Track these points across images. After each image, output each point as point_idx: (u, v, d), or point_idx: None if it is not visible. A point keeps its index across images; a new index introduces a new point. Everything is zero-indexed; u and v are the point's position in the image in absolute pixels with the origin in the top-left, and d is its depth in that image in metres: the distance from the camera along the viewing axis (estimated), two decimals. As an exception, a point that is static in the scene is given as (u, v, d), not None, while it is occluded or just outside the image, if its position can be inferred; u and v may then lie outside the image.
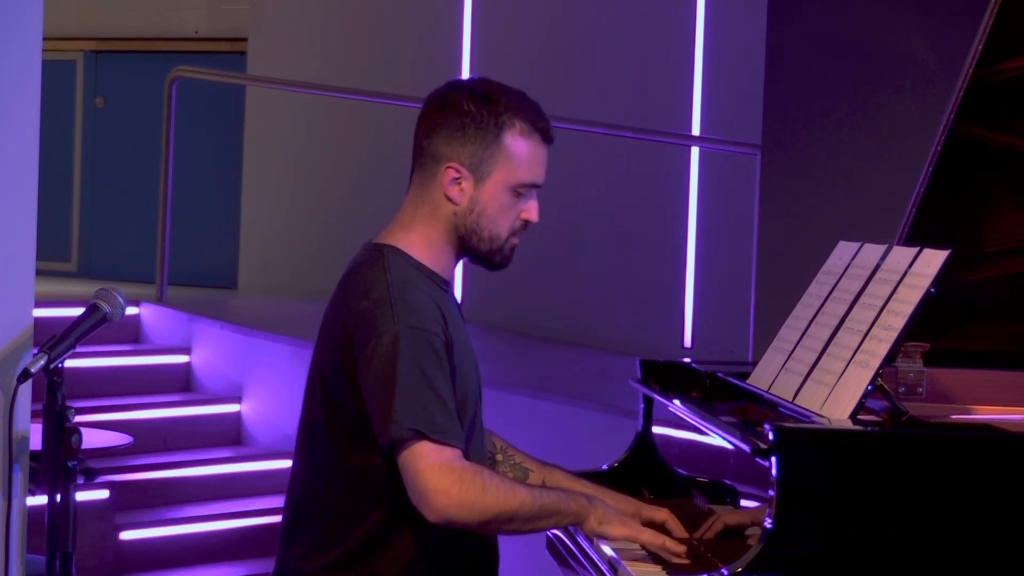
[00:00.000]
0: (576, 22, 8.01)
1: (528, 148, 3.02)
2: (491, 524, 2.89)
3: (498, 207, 3.01)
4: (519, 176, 3.01)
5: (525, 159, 3.01)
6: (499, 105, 3.01)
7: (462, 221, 3.01)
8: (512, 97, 3.04)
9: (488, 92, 3.03)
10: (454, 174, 3.00)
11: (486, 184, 3.00)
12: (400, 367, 2.85)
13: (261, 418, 6.86)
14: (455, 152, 3.00)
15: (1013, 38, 3.52)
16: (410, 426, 2.83)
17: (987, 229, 3.63)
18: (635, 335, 7.38)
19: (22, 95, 3.59)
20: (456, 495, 2.82)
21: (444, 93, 3.06)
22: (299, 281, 9.00)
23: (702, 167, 7.54)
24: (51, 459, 3.22)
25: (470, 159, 3.00)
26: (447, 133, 3.01)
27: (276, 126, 9.19)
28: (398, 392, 2.84)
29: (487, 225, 3.01)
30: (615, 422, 5.42)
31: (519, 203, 3.03)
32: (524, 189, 3.03)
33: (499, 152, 3.00)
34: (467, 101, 3.01)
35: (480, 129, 3.00)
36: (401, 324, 2.88)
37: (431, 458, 2.83)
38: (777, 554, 2.70)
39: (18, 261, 3.60)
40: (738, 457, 3.01)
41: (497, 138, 3.00)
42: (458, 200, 3.01)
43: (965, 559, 2.74)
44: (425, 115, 3.08)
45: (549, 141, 3.06)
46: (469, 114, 3.00)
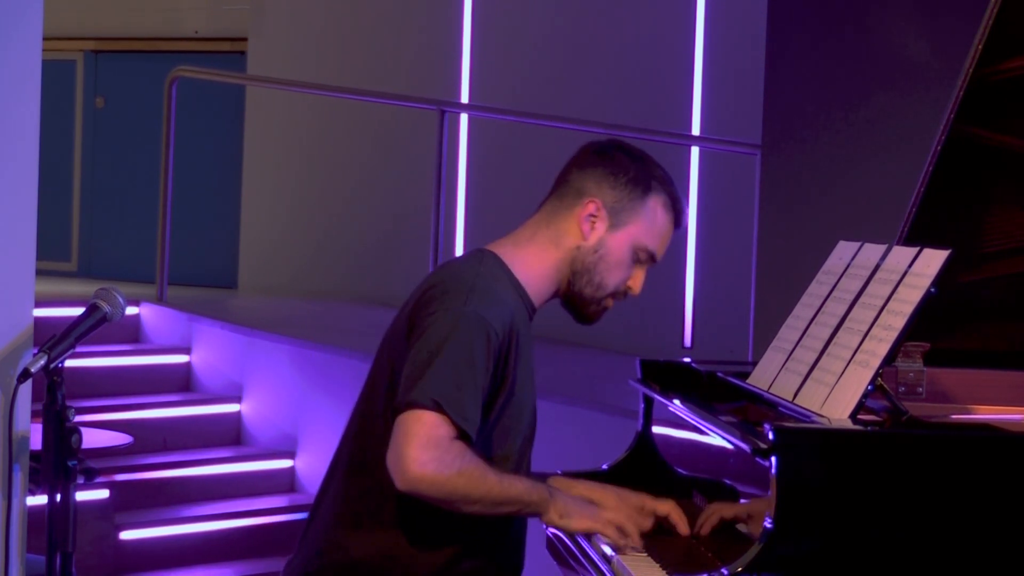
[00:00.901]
0: (576, 22, 8.01)
1: (664, 219, 3.17)
2: (454, 504, 2.94)
3: (618, 259, 3.13)
4: (647, 240, 3.14)
5: (658, 227, 3.16)
6: (654, 171, 3.18)
7: (582, 257, 3.12)
8: (664, 173, 3.22)
9: (647, 160, 3.21)
10: (593, 210, 3.12)
11: (618, 232, 3.12)
12: (450, 343, 2.90)
13: (261, 418, 6.86)
14: (602, 192, 3.13)
15: (1013, 38, 3.52)
16: (433, 396, 2.87)
17: (987, 229, 3.63)
18: (635, 335, 7.38)
19: (22, 95, 3.59)
20: (431, 470, 2.86)
21: (608, 144, 3.22)
22: (299, 281, 9.00)
23: (702, 167, 7.54)
24: (51, 459, 3.22)
25: (613, 203, 3.12)
26: (600, 174, 3.14)
27: (276, 126, 9.19)
28: (438, 363, 2.89)
29: (602, 271, 3.12)
30: (615, 422, 5.42)
31: (633, 267, 3.15)
32: (644, 255, 3.15)
33: (641, 209, 3.14)
34: (627, 158, 3.17)
35: (631, 182, 3.14)
36: (470, 308, 2.94)
37: (428, 426, 2.86)
38: (777, 554, 2.70)
39: (18, 261, 3.60)
40: (738, 457, 3.01)
41: (643, 196, 3.14)
42: (588, 235, 3.12)
43: (965, 559, 2.74)
44: (583, 154, 3.20)
45: (679, 226, 3.20)
46: (625, 168, 3.15)
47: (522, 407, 3.07)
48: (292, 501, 6.43)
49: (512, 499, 2.98)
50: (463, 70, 8.38)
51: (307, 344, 6.73)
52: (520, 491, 3.00)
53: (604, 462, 3.66)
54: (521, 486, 3.01)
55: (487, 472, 2.94)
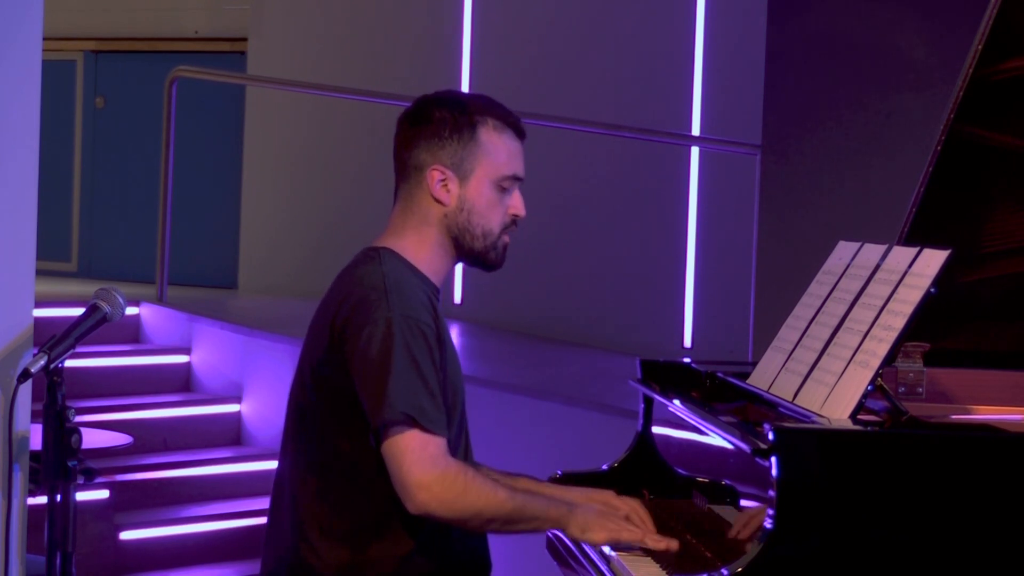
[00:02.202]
0: (576, 22, 8.01)
1: (504, 142, 3.15)
2: (469, 523, 2.96)
3: (486, 202, 3.12)
4: (500, 170, 3.13)
5: (503, 153, 3.14)
6: (469, 107, 3.15)
7: (453, 221, 3.12)
8: (479, 99, 3.19)
9: (455, 98, 3.18)
10: (439, 176, 3.11)
11: (470, 181, 3.12)
12: (394, 353, 2.93)
13: (261, 418, 6.86)
14: (436, 156, 3.12)
15: (1013, 38, 3.52)
16: (403, 410, 2.90)
17: (987, 229, 3.63)
18: (635, 335, 7.38)
19: (22, 95, 3.59)
20: (438, 492, 2.89)
21: (414, 109, 3.18)
22: (299, 281, 8.99)
23: (702, 167, 7.54)
24: (51, 459, 3.22)
25: (451, 159, 3.11)
26: (426, 142, 3.13)
27: (276, 126, 9.19)
28: (392, 378, 2.92)
29: (478, 221, 3.12)
30: (615, 422, 5.42)
31: (505, 198, 3.15)
32: (507, 183, 3.14)
33: (477, 148, 3.12)
34: (437, 110, 3.14)
35: (456, 131, 3.12)
36: (395, 312, 2.97)
37: (417, 451, 2.90)
38: (777, 554, 2.70)
39: (18, 261, 3.60)
40: (738, 457, 3.01)
41: (473, 135, 3.12)
42: (446, 201, 3.11)
43: (965, 559, 2.74)
44: (400, 133, 3.18)
45: (522, 136, 3.19)
46: (442, 120, 3.13)
47: (455, 389, 3.11)
48: (292, 501, 6.43)
49: (529, 516, 2.99)
50: (463, 70, 8.38)
51: (307, 344, 6.72)
52: (537, 507, 3.01)
53: (604, 462, 3.66)
54: (536, 502, 3.02)
55: (496, 487, 2.97)
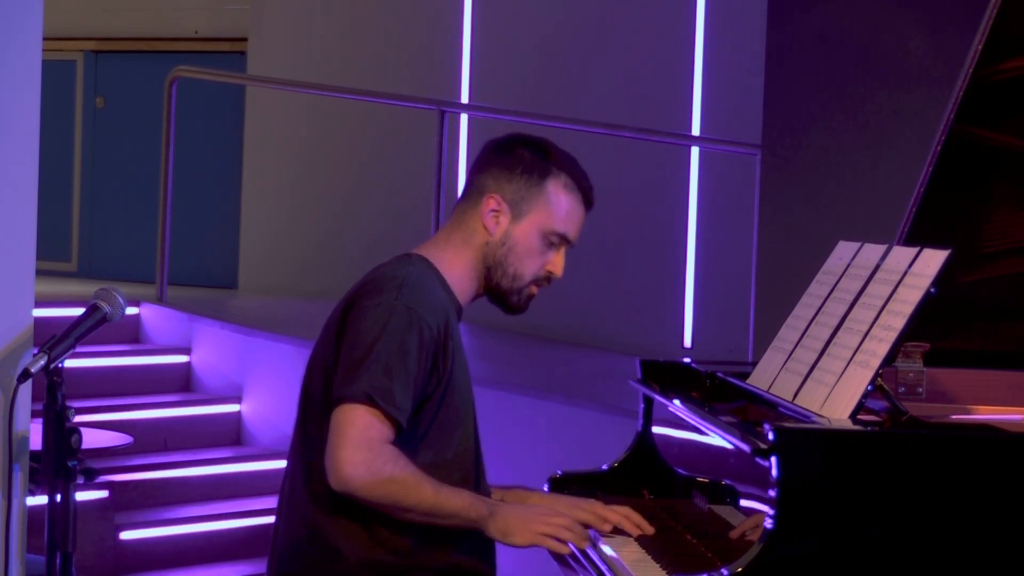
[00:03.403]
0: (576, 22, 8.01)
1: (567, 201, 3.20)
2: (387, 509, 3.00)
3: (527, 248, 3.18)
4: (553, 224, 3.18)
5: (563, 210, 3.19)
6: (551, 157, 3.21)
7: (492, 252, 3.18)
8: (564, 156, 3.24)
9: (544, 144, 3.23)
10: (494, 205, 3.17)
11: (521, 222, 3.17)
12: (383, 336, 2.98)
13: (261, 418, 6.86)
14: (500, 187, 3.18)
15: (1013, 38, 3.52)
16: (366, 390, 2.94)
17: (987, 229, 3.63)
18: (635, 335, 7.38)
19: (22, 95, 3.59)
20: (363, 471, 2.93)
21: (504, 139, 3.25)
22: (299, 281, 9.00)
23: (702, 167, 7.54)
24: (51, 459, 3.22)
25: (512, 195, 3.17)
26: (497, 171, 3.19)
27: (276, 126, 9.19)
28: (372, 358, 2.96)
29: (514, 262, 3.18)
30: (615, 422, 5.42)
31: (548, 252, 3.20)
32: (555, 239, 3.19)
33: (540, 196, 3.18)
34: (523, 149, 3.21)
35: (528, 171, 3.18)
36: (402, 302, 3.02)
37: (359, 428, 2.94)
38: (777, 554, 2.70)
39: (18, 261, 3.59)
40: (738, 457, 3.01)
41: (541, 183, 3.18)
42: (493, 230, 3.17)
43: (965, 559, 2.74)
44: (482, 155, 3.25)
45: (589, 205, 3.24)
46: (521, 159, 3.19)
47: (461, 405, 3.12)
48: (292, 501, 6.43)
49: (448, 512, 3.02)
50: (463, 70, 8.38)
51: (307, 344, 6.70)
52: (458, 506, 3.03)
53: (604, 462, 3.66)
54: (459, 501, 3.04)
55: (422, 481, 2.99)
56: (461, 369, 3.14)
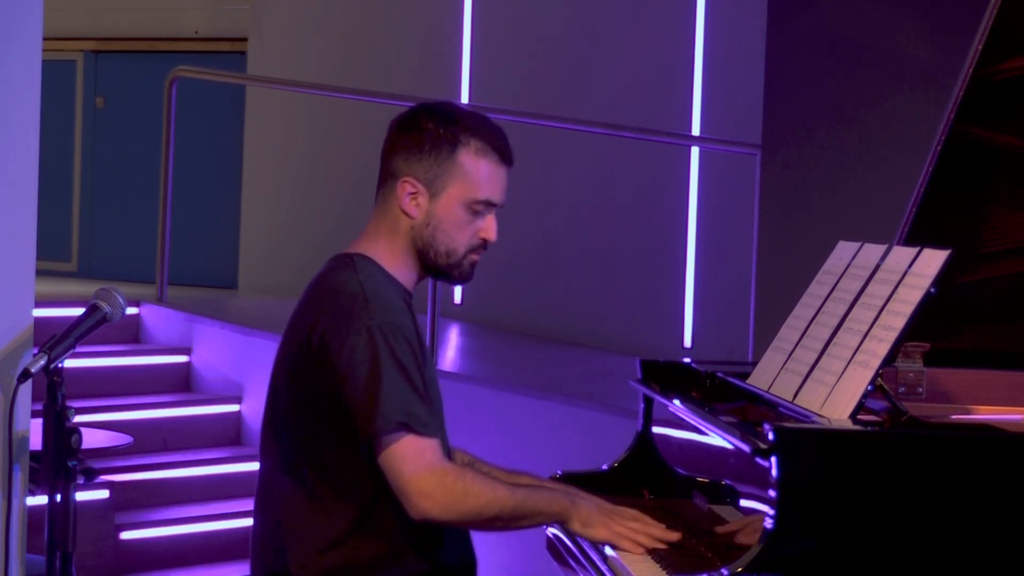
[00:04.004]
0: (576, 22, 8.01)
1: (484, 167, 3.12)
2: (473, 523, 3.00)
3: (453, 222, 3.11)
4: (473, 193, 3.11)
5: (480, 177, 3.11)
6: (457, 125, 3.12)
7: (419, 234, 3.12)
8: (472, 119, 3.15)
9: (448, 113, 3.14)
10: (410, 188, 3.11)
11: (440, 199, 3.10)
12: (381, 362, 2.95)
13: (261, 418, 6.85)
14: (411, 167, 3.11)
15: (1013, 38, 3.52)
16: (397, 419, 2.91)
17: (987, 229, 3.63)
18: (635, 335, 7.38)
19: (22, 95, 3.59)
20: (439, 498, 2.91)
21: (407, 114, 3.17)
22: (299, 281, 8.90)
23: (702, 167, 7.54)
24: (51, 459, 3.22)
25: (425, 174, 3.10)
26: (405, 152, 3.12)
27: (276, 126, 9.19)
28: (382, 387, 2.93)
29: (443, 239, 3.11)
30: (615, 422, 5.42)
31: (476, 221, 3.13)
32: (480, 207, 3.12)
33: (453, 168, 3.10)
34: (427, 120, 3.12)
35: (435, 147, 3.10)
36: (376, 320, 2.98)
37: (414, 458, 2.92)
38: (777, 554, 2.70)
39: (18, 261, 3.60)
40: (738, 457, 3.01)
41: (451, 155, 3.10)
42: (414, 214, 3.11)
43: (965, 559, 2.74)
44: (389, 136, 3.17)
45: (508, 163, 3.16)
46: (427, 131, 3.11)
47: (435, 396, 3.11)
48: (292, 501, 6.42)
49: (531, 511, 3.01)
50: (463, 70, 8.38)
51: (307, 344, 6.71)
52: (539, 503, 3.03)
53: (604, 462, 3.66)
54: (539, 497, 3.04)
55: (496, 486, 2.99)
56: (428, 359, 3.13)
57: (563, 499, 3.07)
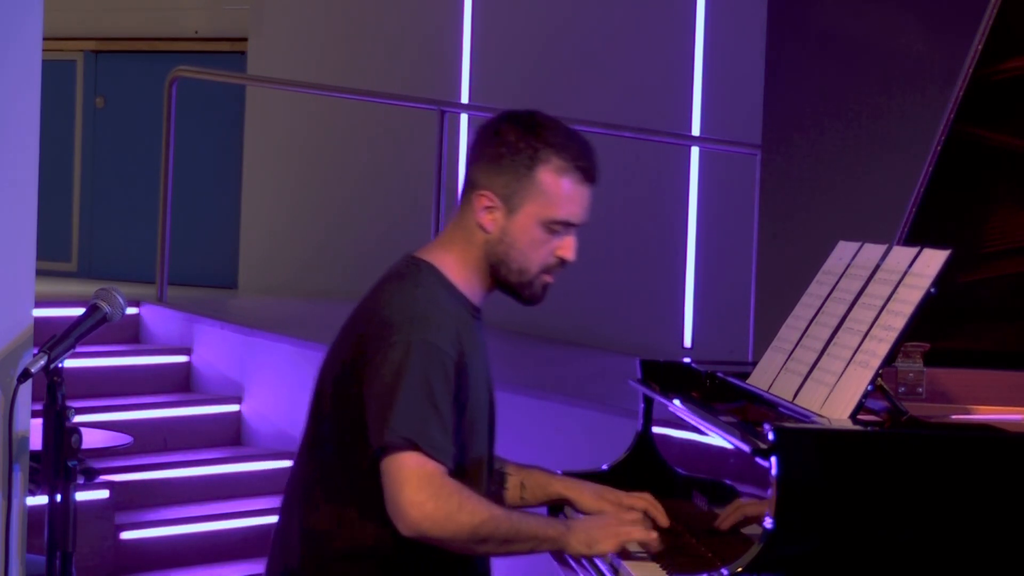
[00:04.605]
0: (576, 22, 8.01)
1: (564, 185, 3.01)
2: (464, 543, 2.89)
3: (528, 241, 3.01)
4: (550, 212, 3.00)
5: (560, 196, 3.01)
6: (539, 139, 3.01)
7: (492, 250, 3.02)
8: (555, 133, 3.04)
9: (532, 125, 3.04)
10: (487, 202, 3.02)
11: (517, 216, 3.01)
12: (407, 377, 2.86)
13: (261, 418, 6.86)
14: (490, 181, 3.02)
15: (1013, 38, 3.52)
16: (405, 435, 2.84)
17: (987, 229, 3.63)
18: (635, 335, 7.38)
19: (22, 95, 3.59)
20: (431, 509, 2.82)
21: (493, 122, 3.07)
22: (299, 281, 8.99)
23: (702, 167, 7.54)
24: (51, 459, 3.22)
25: (503, 189, 3.01)
26: (486, 161, 3.03)
27: (276, 126, 9.19)
28: (400, 399, 2.85)
29: (517, 257, 3.02)
30: (615, 422, 5.42)
31: (553, 239, 3.03)
32: (557, 226, 3.02)
33: (531, 185, 3.00)
34: (510, 131, 3.02)
35: (514, 161, 3.00)
36: (416, 337, 2.89)
37: (414, 470, 2.83)
38: (777, 554, 2.70)
39: (18, 261, 3.59)
40: (738, 457, 3.01)
41: (530, 171, 3.00)
42: (489, 228, 3.02)
43: (965, 559, 2.74)
44: (474, 143, 3.09)
45: (591, 181, 3.04)
46: (507, 144, 3.01)
47: (473, 423, 3.02)
48: (292, 501, 6.42)
49: (526, 536, 2.93)
50: (463, 70, 8.38)
51: (307, 344, 6.72)
52: (534, 528, 2.95)
53: (604, 462, 3.66)
54: (534, 522, 2.96)
55: (492, 508, 2.91)
56: (478, 378, 3.03)
57: (559, 524, 3.01)
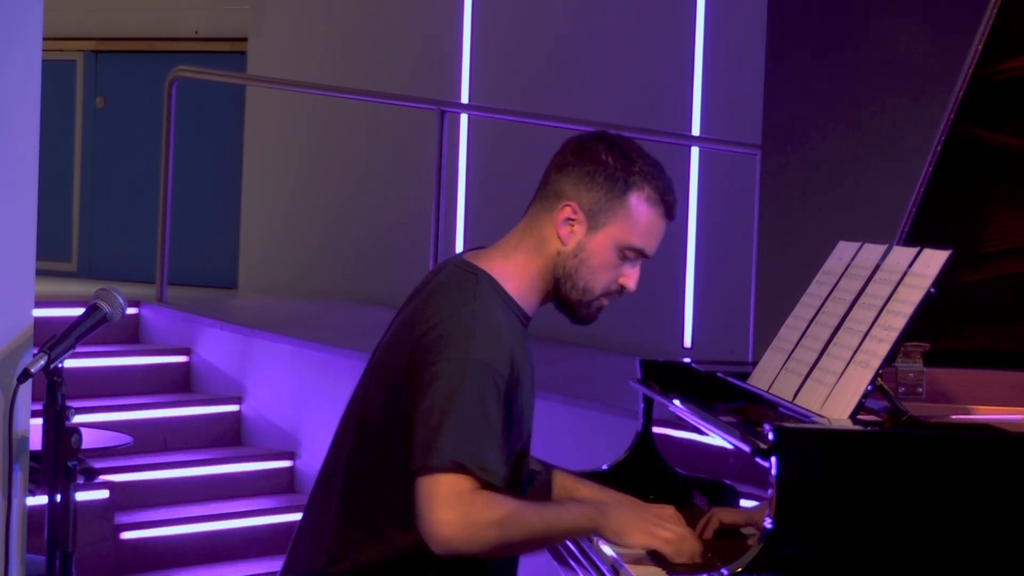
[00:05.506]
0: (576, 22, 8.01)
1: (648, 215, 3.02)
2: (501, 551, 2.86)
3: (601, 262, 3.00)
4: (631, 238, 3.01)
5: (642, 224, 3.02)
6: (635, 165, 3.03)
7: (563, 263, 3.01)
8: (650, 163, 3.07)
9: (628, 151, 3.05)
10: (570, 214, 3.00)
11: (597, 234, 3.00)
12: (462, 397, 2.82)
13: (261, 418, 6.86)
14: (578, 194, 3.00)
15: (1013, 38, 3.52)
16: (454, 458, 2.79)
17: (987, 229, 3.63)
18: (635, 335, 7.38)
19: (22, 95, 3.59)
20: (458, 528, 2.78)
21: (586, 138, 3.07)
22: (299, 281, 9.00)
23: (702, 167, 7.54)
24: (51, 459, 3.22)
25: (590, 205, 3.00)
26: (577, 174, 3.01)
27: (276, 126, 9.19)
28: (453, 421, 2.80)
29: (585, 274, 3.01)
30: (615, 422, 5.42)
31: (622, 266, 3.02)
32: (631, 253, 3.02)
33: (620, 208, 3.00)
34: (606, 152, 3.03)
35: (609, 180, 3.01)
36: (472, 356, 2.85)
37: (446, 486, 2.79)
38: (777, 554, 2.70)
39: (18, 261, 3.59)
40: (738, 457, 3.01)
41: (622, 194, 3.01)
42: (566, 240, 3.00)
43: (965, 559, 2.74)
44: (562, 153, 3.07)
45: (671, 217, 3.07)
46: (603, 164, 3.01)
47: (520, 432, 3.00)
48: (292, 501, 6.43)
49: (561, 531, 2.92)
50: (463, 70, 8.38)
51: (307, 344, 6.73)
52: (569, 521, 2.92)
53: (604, 462, 3.65)
54: (569, 516, 2.93)
55: (525, 512, 2.86)
56: (525, 389, 3.00)
57: (592, 513, 2.95)
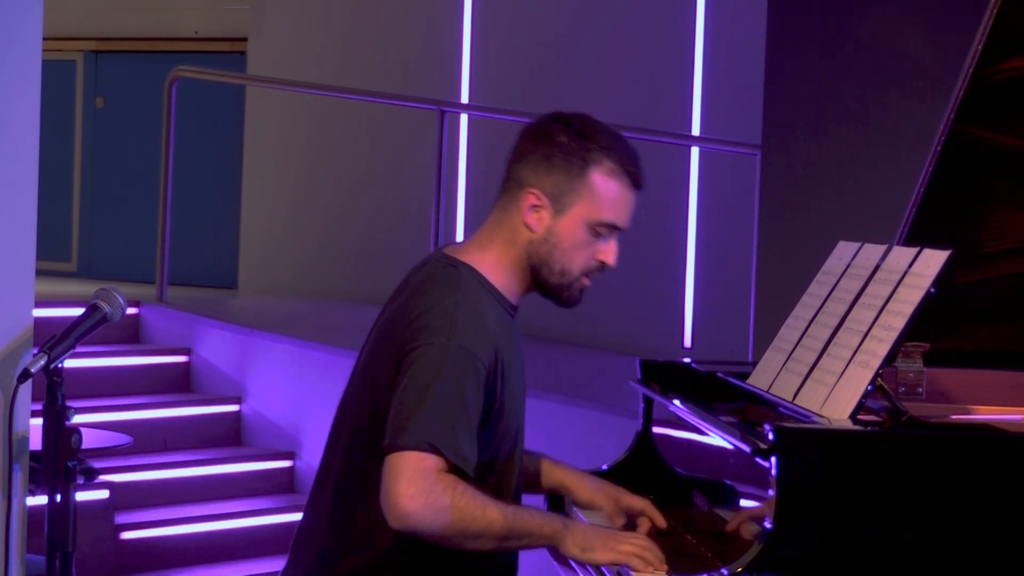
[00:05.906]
0: (576, 22, 8.01)
1: (613, 188, 3.00)
2: (455, 539, 2.83)
3: (573, 242, 2.99)
4: (599, 214, 2.99)
5: (608, 198, 2.99)
6: (591, 141, 3.01)
7: (536, 250, 3.00)
8: (608, 136, 3.04)
9: (584, 128, 3.02)
10: (534, 201, 2.99)
11: (564, 216, 2.99)
12: (440, 381, 2.82)
13: (261, 418, 6.86)
14: (539, 180, 2.99)
15: (1013, 38, 3.52)
16: (425, 438, 2.78)
17: (987, 229, 3.63)
18: (635, 335, 7.38)
19: (22, 95, 3.59)
20: (421, 502, 2.76)
21: (541, 122, 3.05)
22: (299, 281, 9.00)
23: (702, 167, 7.54)
24: (51, 459, 3.22)
25: (552, 189, 2.98)
26: (535, 160, 3.00)
27: (276, 126, 9.19)
28: (428, 404, 2.80)
29: (560, 258, 3.00)
30: (615, 422, 5.42)
31: (597, 242, 3.01)
32: (603, 229, 3.01)
33: (582, 186, 2.98)
34: (561, 133, 3.01)
35: (567, 161, 2.98)
36: (454, 341, 2.85)
37: (412, 462, 2.78)
38: (777, 554, 2.70)
39: (18, 261, 3.59)
40: (738, 457, 3.01)
41: (582, 172, 2.98)
42: (535, 228, 2.99)
43: (965, 559, 2.74)
44: (519, 141, 3.05)
45: (638, 187, 3.04)
46: (559, 145, 2.99)
47: (508, 426, 3.00)
48: (292, 501, 6.43)
49: (520, 532, 2.88)
50: (463, 70, 8.38)
51: (307, 344, 6.73)
52: (530, 525, 2.89)
53: (604, 462, 3.65)
54: (531, 519, 2.90)
55: (487, 504, 2.84)
56: (513, 383, 3.00)
57: (558, 524, 2.93)
